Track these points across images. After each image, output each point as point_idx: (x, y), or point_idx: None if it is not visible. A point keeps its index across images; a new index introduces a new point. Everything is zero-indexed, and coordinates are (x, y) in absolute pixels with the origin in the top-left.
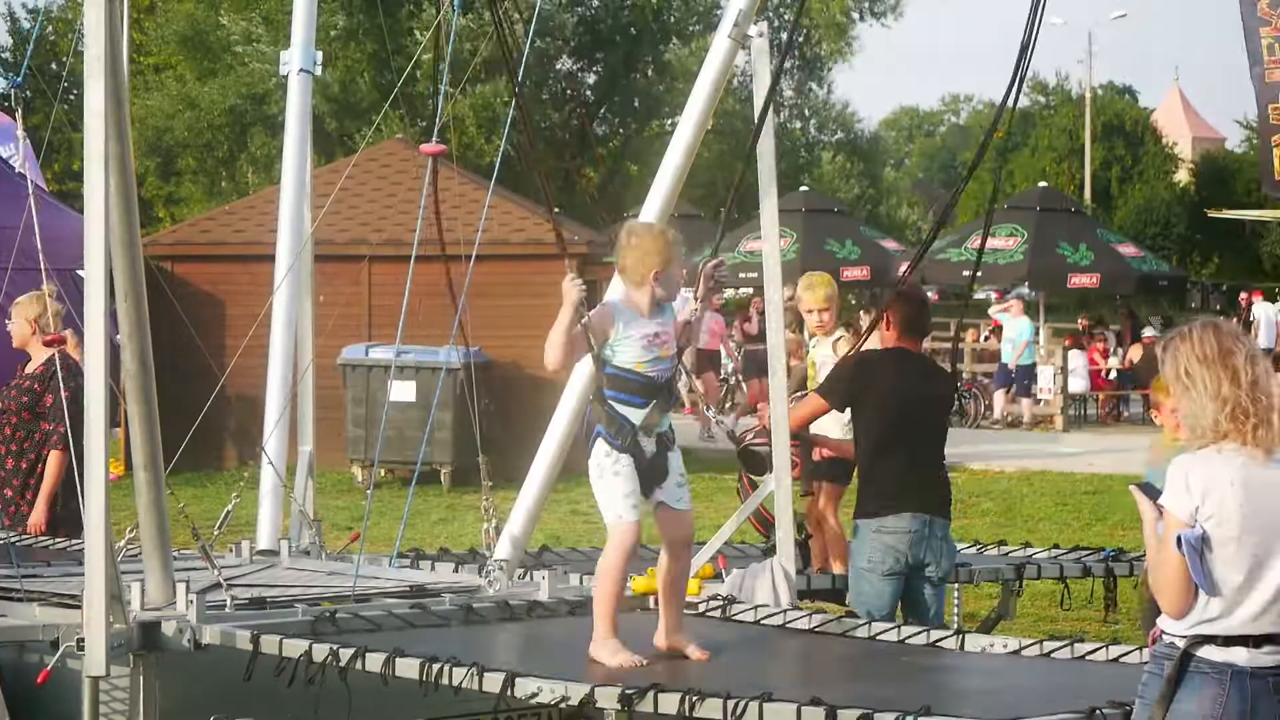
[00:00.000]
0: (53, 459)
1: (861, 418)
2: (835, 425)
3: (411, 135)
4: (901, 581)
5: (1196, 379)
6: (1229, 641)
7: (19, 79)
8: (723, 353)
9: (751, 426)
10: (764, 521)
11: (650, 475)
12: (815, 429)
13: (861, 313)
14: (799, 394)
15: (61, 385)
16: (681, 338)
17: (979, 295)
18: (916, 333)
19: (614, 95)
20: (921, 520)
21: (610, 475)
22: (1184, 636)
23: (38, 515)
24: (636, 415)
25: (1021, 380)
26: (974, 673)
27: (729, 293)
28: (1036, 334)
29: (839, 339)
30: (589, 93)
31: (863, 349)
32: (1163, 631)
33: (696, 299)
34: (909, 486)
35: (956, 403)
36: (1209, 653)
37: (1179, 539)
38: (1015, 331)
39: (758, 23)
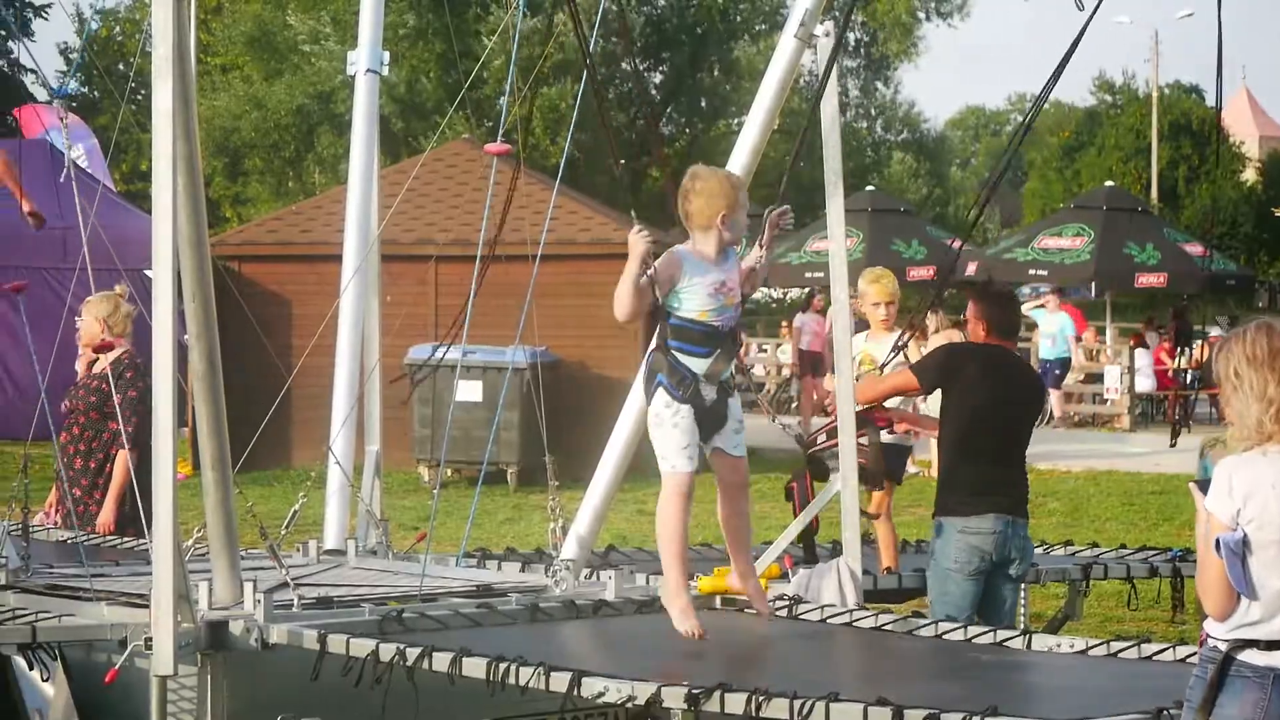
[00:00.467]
0: (120, 459)
1: (949, 408)
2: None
3: (478, 136)
4: (984, 581)
5: (1244, 379)
6: (1271, 646)
7: (66, 88)
8: (826, 356)
9: (823, 426)
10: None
11: (709, 421)
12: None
13: (929, 313)
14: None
15: (128, 385)
16: (746, 285)
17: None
18: (1008, 332)
19: (680, 95)
20: (1005, 521)
21: (669, 426)
22: (1226, 640)
23: (106, 515)
24: (700, 365)
25: (1052, 372)
26: (1040, 673)
27: (794, 291)
28: (1101, 333)
29: (901, 338)
30: (655, 92)
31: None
32: (1208, 635)
33: (762, 246)
34: (994, 486)
35: None
36: (1251, 657)
37: (1218, 542)
38: (1056, 326)
39: (824, 22)
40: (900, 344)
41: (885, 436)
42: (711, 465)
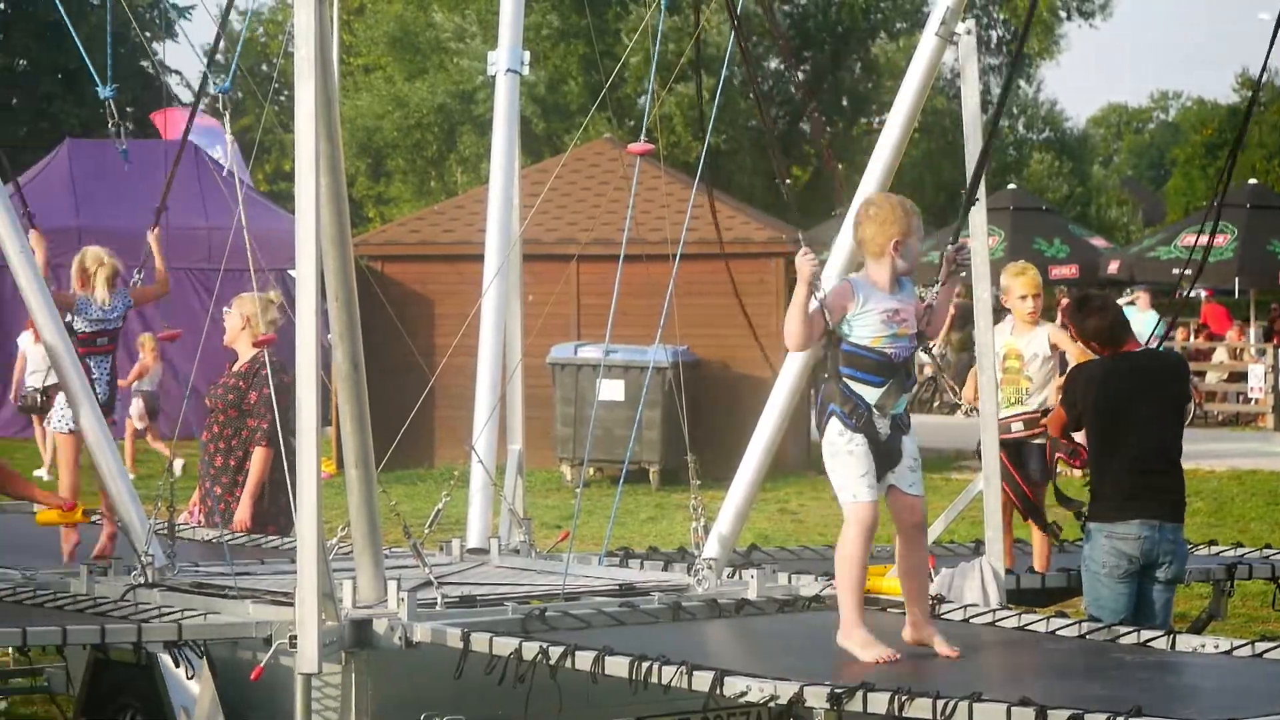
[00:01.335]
0: (257, 456)
1: (1090, 421)
2: None
3: (619, 135)
4: (1135, 584)
5: None
6: None
7: (228, 84)
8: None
9: (1019, 415)
10: (1064, 499)
11: (884, 458)
12: None
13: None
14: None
15: (264, 382)
16: (922, 321)
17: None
18: (1117, 337)
19: (821, 93)
20: (1151, 526)
21: (844, 454)
22: None
23: (243, 512)
24: (872, 394)
25: None
26: (1185, 673)
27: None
28: (1243, 332)
29: (1047, 329)
30: (796, 91)
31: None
32: None
33: (939, 282)
34: (1136, 493)
35: None
36: None
37: None
38: (1142, 325)
39: (965, 20)
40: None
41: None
42: (887, 505)
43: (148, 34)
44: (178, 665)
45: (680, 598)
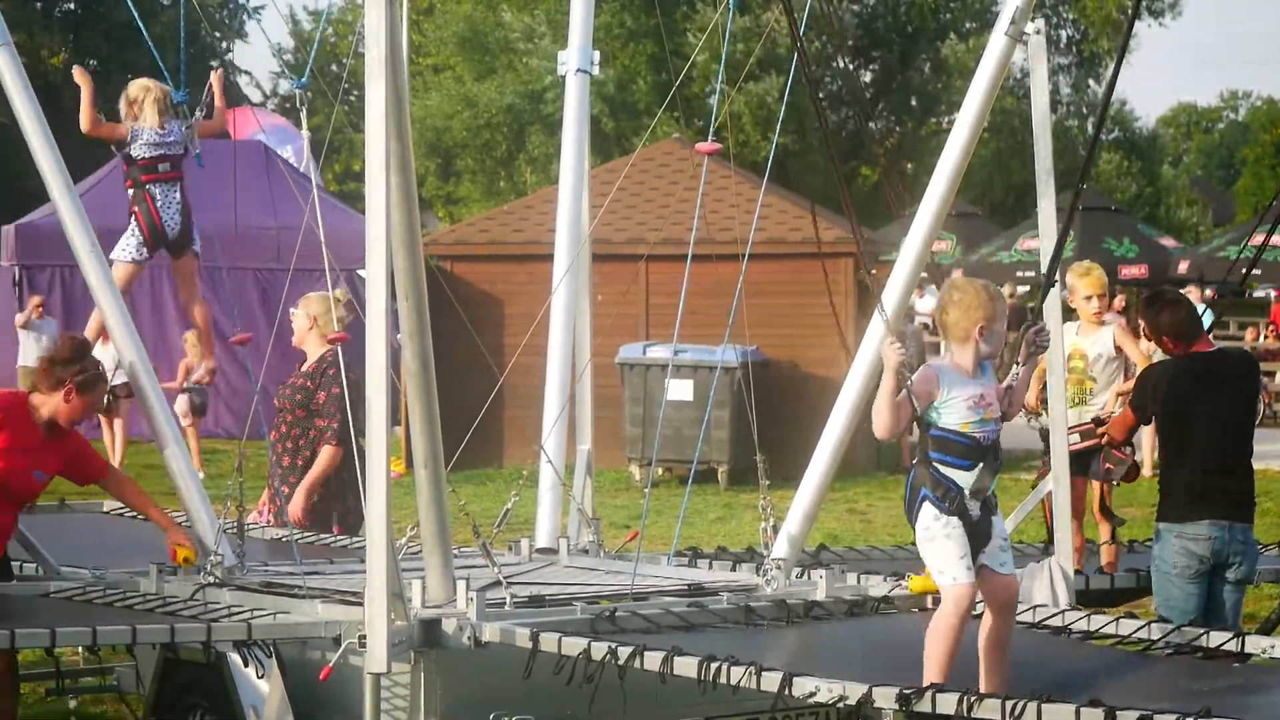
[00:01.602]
0: (324, 453)
1: (1160, 421)
2: None
3: (687, 135)
4: (1205, 584)
5: None
6: None
7: (303, 80)
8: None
9: (1077, 426)
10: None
11: (974, 538)
12: None
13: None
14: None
15: (332, 381)
16: (1004, 403)
17: (1258, 294)
18: (1190, 334)
19: (890, 93)
20: (1220, 527)
21: (942, 539)
22: None
23: (295, 505)
24: (964, 478)
25: None
26: (1255, 674)
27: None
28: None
29: (1112, 330)
30: (866, 90)
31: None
32: None
33: (1019, 364)
34: (1206, 493)
35: None
36: None
37: None
38: None
39: (1035, 19)
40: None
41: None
42: (980, 586)
43: (218, 34)
44: (247, 664)
45: (749, 598)
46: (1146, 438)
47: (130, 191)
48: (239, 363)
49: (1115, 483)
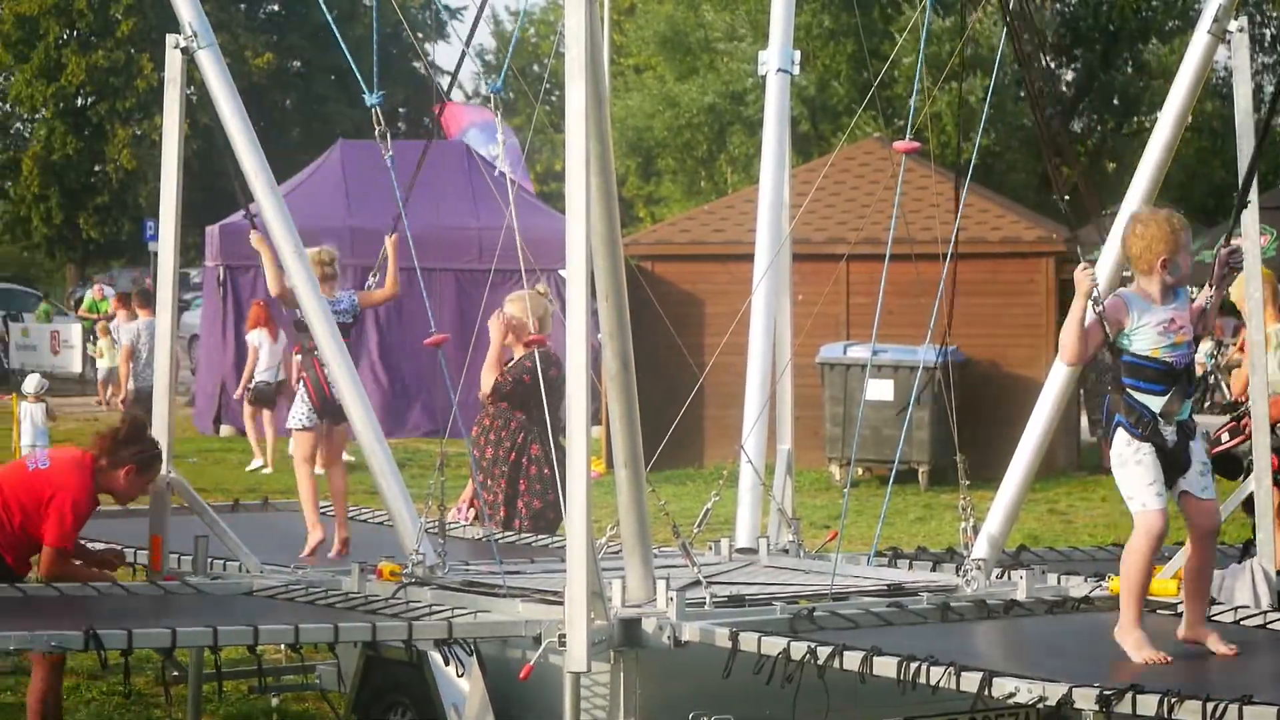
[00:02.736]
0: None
1: None
2: None
3: (887, 134)
4: None
5: None
6: None
7: (498, 85)
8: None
9: (1224, 425)
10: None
11: (1172, 464)
12: None
13: None
14: None
15: (534, 374)
16: (1198, 325)
17: None
18: None
19: (1091, 92)
20: None
21: (1132, 464)
22: None
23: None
24: (1156, 403)
25: None
26: None
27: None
28: None
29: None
30: (1067, 90)
31: None
32: None
33: (1212, 285)
34: None
35: None
36: None
37: None
38: None
39: (1237, 18)
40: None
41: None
42: (1181, 510)
43: (419, 35)
44: (448, 663)
45: (949, 598)
46: None
47: (298, 357)
48: (436, 363)
49: None
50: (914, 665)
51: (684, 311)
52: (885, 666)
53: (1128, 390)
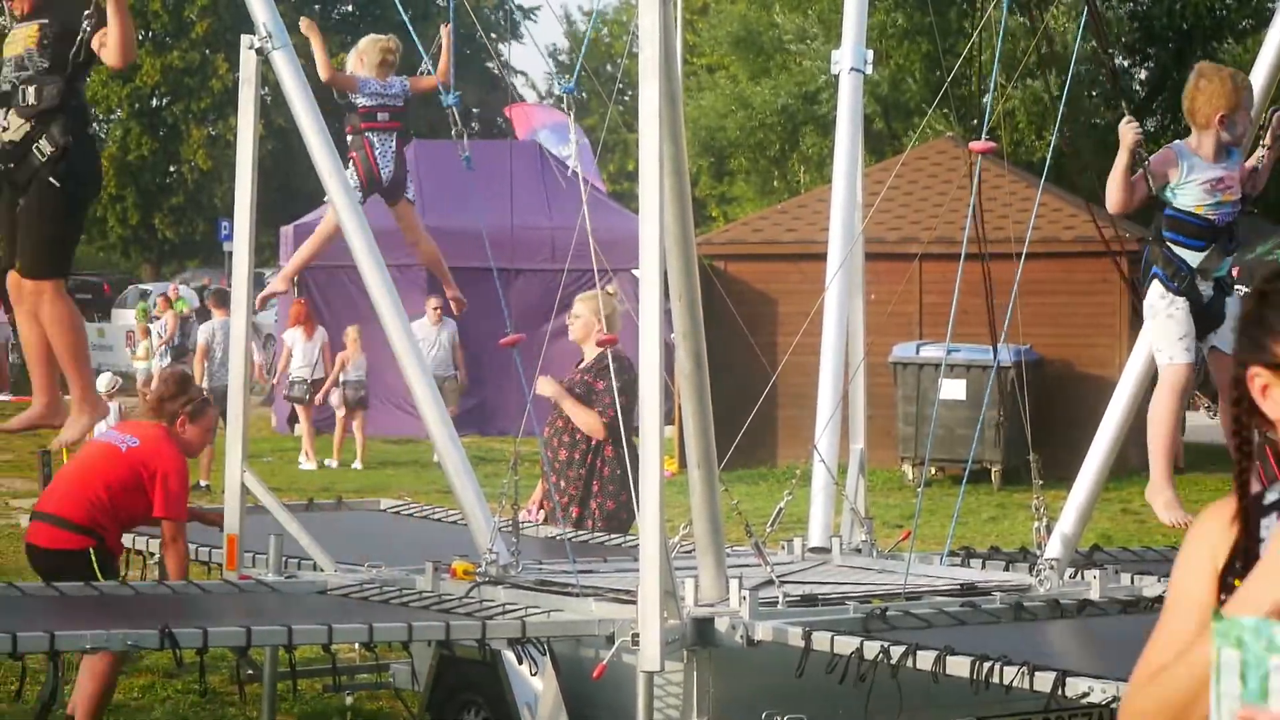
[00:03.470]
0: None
1: None
2: None
3: (960, 133)
4: None
5: None
6: None
7: (572, 85)
8: None
9: None
10: None
11: (1205, 319)
12: None
13: None
14: None
15: (609, 374)
16: (1247, 184)
17: None
18: None
19: (1165, 91)
20: None
21: (1164, 317)
22: None
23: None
24: (1194, 258)
25: None
26: None
27: None
28: None
29: None
30: (1140, 89)
31: None
32: None
33: (1265, 146)
34: None
35: None
36: None
37: None
38: None
39: None
40: None
41: None
42: (1209, 365)
43: (493, 35)
44: (521, 662)
45: (1022, 598)
46: None
47: (349, 138)
48: (511, 363)
49: None
50: (987, 665)
51: (757, 311)
52: (958, 666)
53: (1167, 243)
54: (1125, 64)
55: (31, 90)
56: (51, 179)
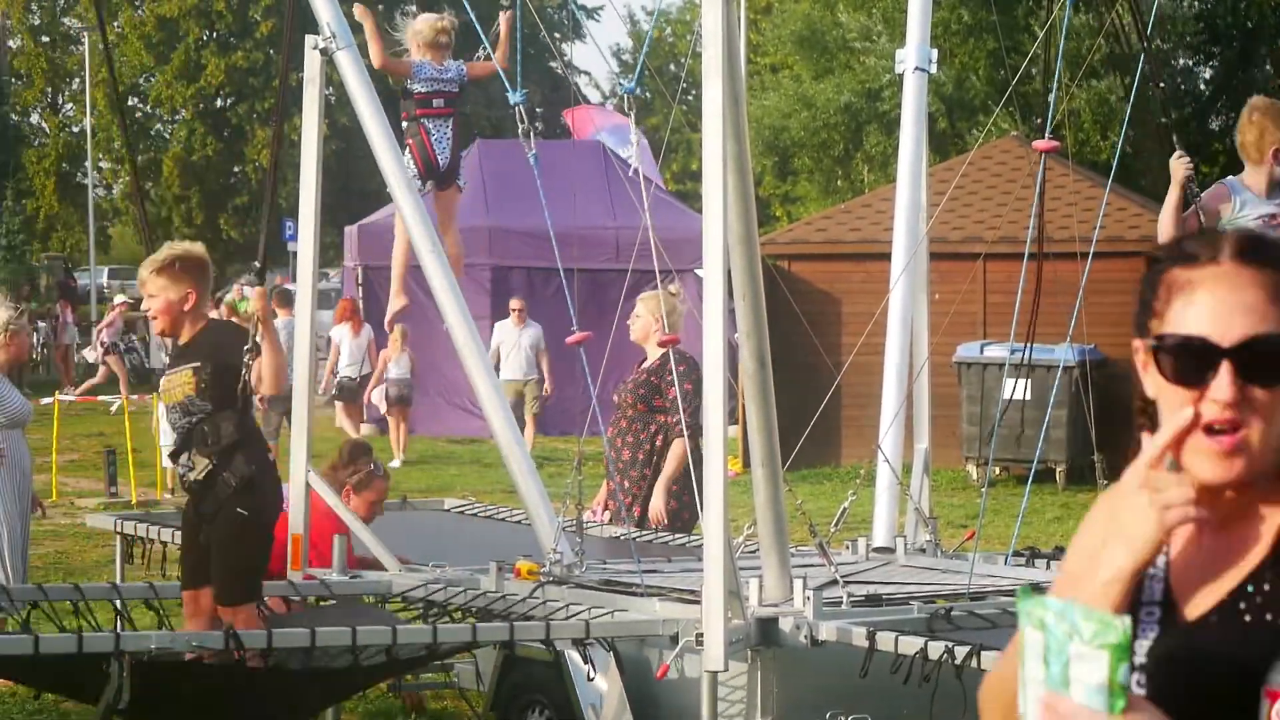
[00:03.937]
0: (677, 446)
1: None
2: None
3: (1025, 132)
4: None
5: None
6: None
7: (633, 85)
8: None
9: None
10: None
11: None
12: None
13: None
14: None
15: (682, 378)
16: None
17: None
18: None
19: (1230, 90)
20: None
21: None
22: None
23: (657, 503)
24: None
25: None
26: None
27: None
28: None
29: None
30: (1205, 88)
31: None
32: None
33: None
34: None
35: None
36: None
37: None
38: None
39: None
40: None
41: None
42: None
43: (556, 35)
44: (586, 662)
45: None
46: None
47: (405, 124)
48: (577, 361)
49: None
50: None
51: (820, 310)
52: None
53: None
54: (1189, 64)
55: (209, 429)
56: (240, 508)
